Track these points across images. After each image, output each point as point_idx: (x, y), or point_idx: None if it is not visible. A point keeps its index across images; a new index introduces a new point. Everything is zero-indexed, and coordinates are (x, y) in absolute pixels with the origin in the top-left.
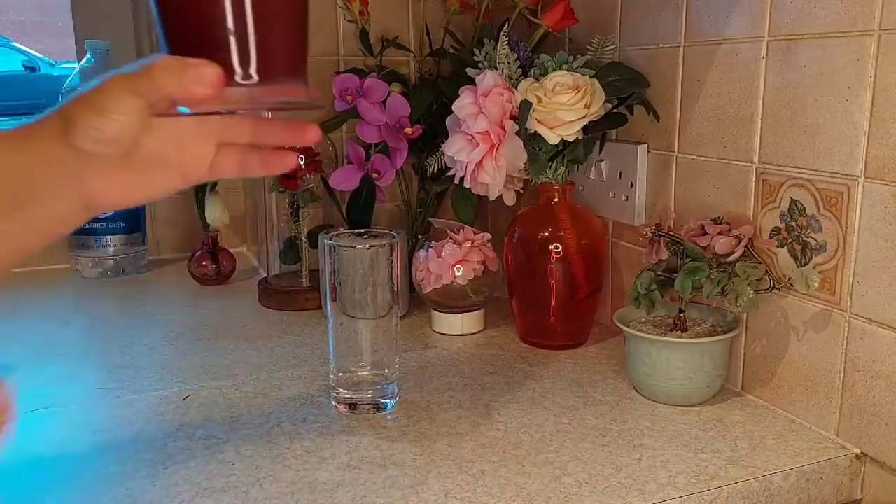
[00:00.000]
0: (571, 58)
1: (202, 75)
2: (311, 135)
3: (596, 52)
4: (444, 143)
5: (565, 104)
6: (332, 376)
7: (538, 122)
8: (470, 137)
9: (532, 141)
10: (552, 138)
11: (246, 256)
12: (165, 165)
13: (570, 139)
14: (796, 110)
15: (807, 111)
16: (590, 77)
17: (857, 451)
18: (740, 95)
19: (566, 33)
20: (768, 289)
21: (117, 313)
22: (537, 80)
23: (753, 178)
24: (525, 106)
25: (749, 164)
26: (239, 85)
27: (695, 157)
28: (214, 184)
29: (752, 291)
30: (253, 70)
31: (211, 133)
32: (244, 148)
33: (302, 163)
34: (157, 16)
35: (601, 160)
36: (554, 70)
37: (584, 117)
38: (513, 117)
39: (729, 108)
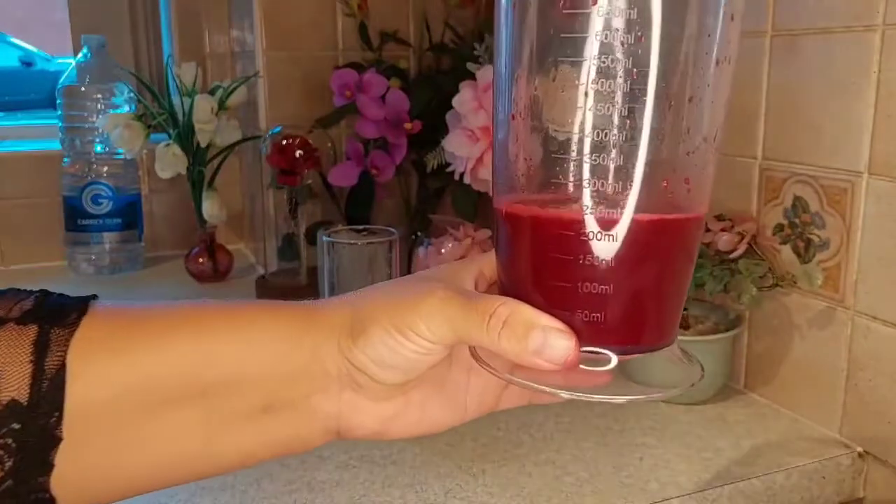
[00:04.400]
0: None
1: (553, 351)
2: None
3: None
4: (443, 138)
5: (573, 100)
6: None
7: (549, 121)
8: (470, 133)
9: None
10: (562, 136)
11: (243, 253)
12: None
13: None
14: (800, 106)
15: (810, 107)
16: None
17: (859, 449)
18: (743, 91)
19: None
20: (771, 286)
21: None
22: (550, 76)
23: (757, 175)
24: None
25: (752, 159)
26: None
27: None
28: (212, 179)
29: (755, 289)
30: (617, 352)
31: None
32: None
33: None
34: (506, 231)
35: None
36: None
37: None
38: None
39: (732, 104)
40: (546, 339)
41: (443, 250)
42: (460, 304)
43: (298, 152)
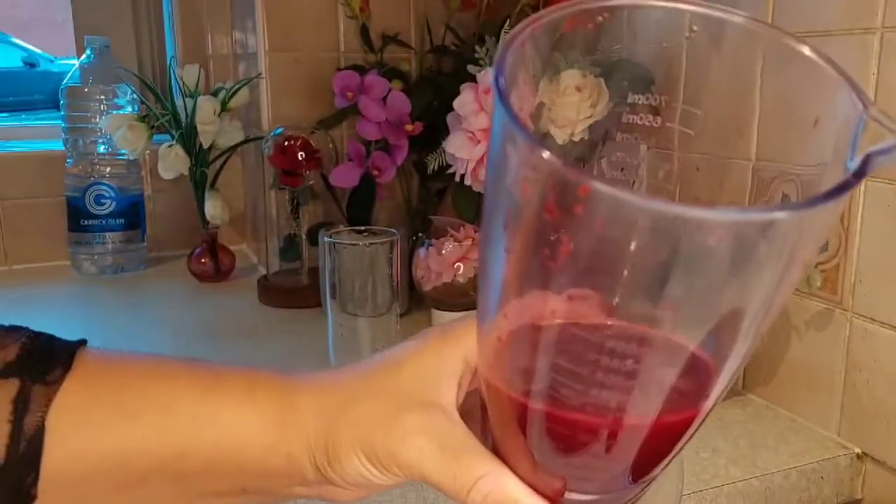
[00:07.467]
0: (581, 57)
1: None
2: None
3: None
4: (444, 140)
5: (574, 104)
6: None
7: (550, 121)
8: (471, 135)
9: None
10: (561, 137)
11: (245, 254)
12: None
13: (577, 139)
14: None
15: None
16: (596, 76)
17: (857, 450)
18: (743, 92)
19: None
20: None
21: (116, 310)
22: (550, 80)
23: (750, 176)
24: (539, 107)
25: (747, 161)
26: None
27: (695, 154)
28: (214, 180)
29: None
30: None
31: None
32: None
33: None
34: (495, 406)
35: (601, 157)
36: (565, 69)
37: (590, 116)
38: None
39: (731, 106)
40: None
41: (443, 251)
42: (440, 464)
43: (300, 153)
